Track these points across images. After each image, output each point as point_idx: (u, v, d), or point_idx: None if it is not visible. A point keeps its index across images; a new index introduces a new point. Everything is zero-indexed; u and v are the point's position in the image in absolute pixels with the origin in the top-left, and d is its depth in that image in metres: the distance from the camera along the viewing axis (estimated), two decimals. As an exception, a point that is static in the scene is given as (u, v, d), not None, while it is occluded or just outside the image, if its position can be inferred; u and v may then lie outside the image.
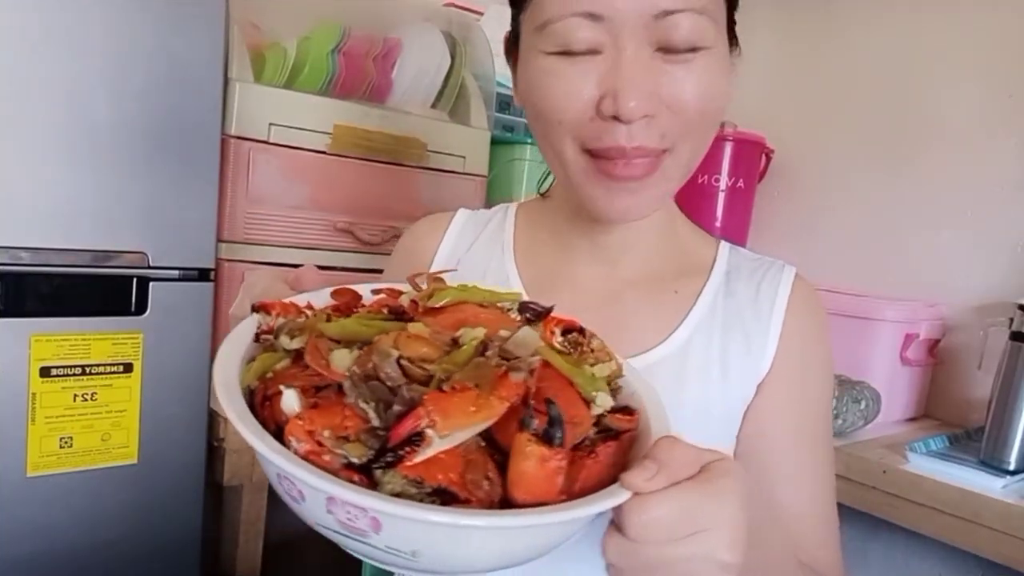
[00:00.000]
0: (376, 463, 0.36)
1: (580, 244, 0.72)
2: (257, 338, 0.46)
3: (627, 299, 0.71)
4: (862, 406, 1.25)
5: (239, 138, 1.25)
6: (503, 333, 0.44)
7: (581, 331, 0.50)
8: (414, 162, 1.44)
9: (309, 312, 0.47)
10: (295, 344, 0.43)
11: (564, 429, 0.38)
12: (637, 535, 0.39)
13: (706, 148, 0.65)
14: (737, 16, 0.65)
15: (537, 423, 0.38)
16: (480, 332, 0.43)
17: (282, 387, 0.39)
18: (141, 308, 1.04)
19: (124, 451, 1.05)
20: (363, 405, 0.38)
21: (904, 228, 1.55)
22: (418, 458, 0.35)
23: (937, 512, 1.08)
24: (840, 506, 1.19)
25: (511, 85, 0.71)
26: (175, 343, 1.07)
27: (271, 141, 1.28)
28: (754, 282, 0.72)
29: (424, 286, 0.52)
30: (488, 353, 0.42)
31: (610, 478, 0.40)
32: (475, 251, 0.76)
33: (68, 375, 1.00)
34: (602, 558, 0.41)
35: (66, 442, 1.00)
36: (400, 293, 0.51)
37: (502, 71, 1.58)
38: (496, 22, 1.62)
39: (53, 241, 0.97)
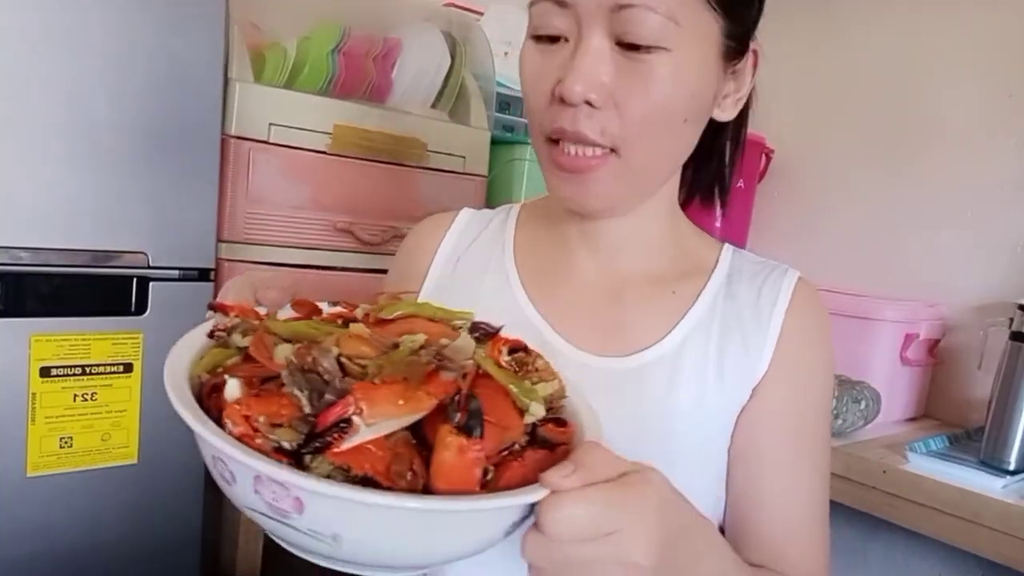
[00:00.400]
0: (305, 448, 0.37)
1: (578, 244, 0.72)
2: (211, 335, 0.48)
3: (625, 297, 0.71)
4: (862, 406, 1.25)
5: (239, 138, 1.25)
6: (443, 341, 0.46)
7: (526, 350, 0.51)
8: (414, 162, 1.44)
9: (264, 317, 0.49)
10: (246, 342, 0.45)
11: (483, 423, 0.40)
12: (552, 532, 0.40)
13: (673, 154, 0.65)
14: None
15: (459, 416, 0.40)
16: (420, 338, 0.45)
17: (226, 376, 0.41)
18: (141, 308, 1.04)
19: (124, 451, 1.05)
20: (297, 393, 0.39)
21: (904, 228, 1.56)
22: (345, 444, 0.37)
23: (937, 512, 1.08)
24: (840, 506, 1.19)
25: (511, 85, 0.72)
26: (175, 343, 1.07)
27: (271, 141, 1.28)
28: (755, 285, 0.72)
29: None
30: (422, 352, 0.43)
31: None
32: (475, 249, 0.76)
33: (68, 375, 1.00)
34: (522, 559, 0.42)
35: (66, 442, 1.00)
36: (356, 307, 0.52)
37: (502, 71, 1.58)
38: (496, 22, 1.62)
39: (53, 241, 0.97)
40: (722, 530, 0.70)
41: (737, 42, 0.64)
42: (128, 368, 1.04)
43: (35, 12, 0.92)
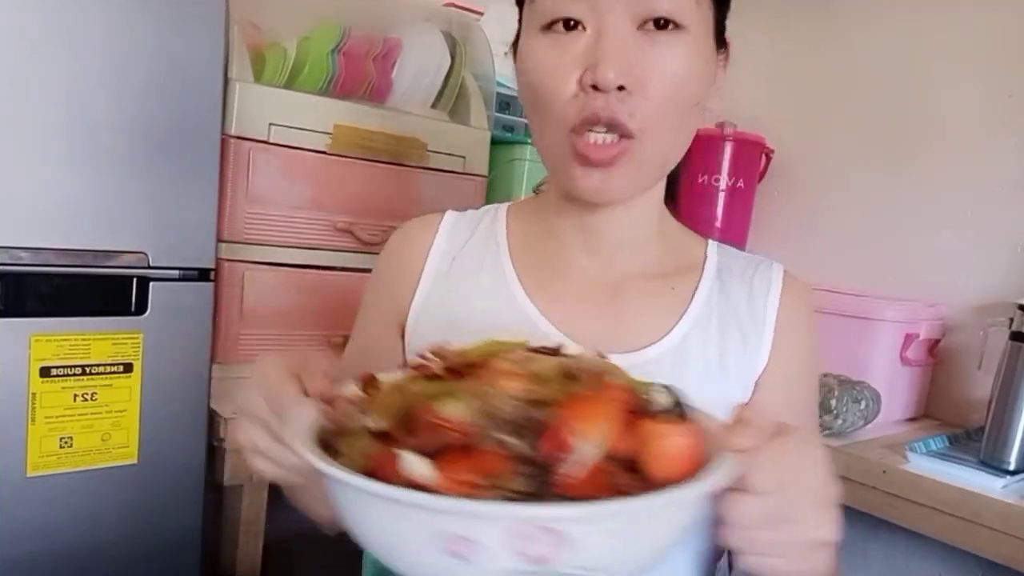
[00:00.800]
0: (542, 487, 0.36)
1: (574, 239, 0.73)
2: (324, 444, 0.43)
3: (624, 295, 0.72)
4: (862, 406, 1.25)
5: (239, 138, 1.25)
6: (576, 358, 0.46)
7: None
8: (414, 162, 1.44)
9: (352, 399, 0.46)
10: (378, 423, 0.41)
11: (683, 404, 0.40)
12: (761, 486, 0.42)
13: (680, 141, 0.66)
14: (738, 16, 0.66)
15: (656, 407, 0.40)
16: (552, 360, 0.44)
17: (399, 452, 0.37)
18: (141, 308, 1.04)
19: (124, 451, 1.05)
20: (507, 439, 0.38)
21: (904, 228, 1.55)
22: (578, 472, 0.36)
23: (937, 512, 1.08)
24: (840, 506, 1.18)
25: (511, 85, 0.72)
26: (175, 343, 1.07)
27: (271, 141, 1.28)
28: (746, 280, 0.74)
29: (434, 354, 0.51)
30: (575, 368, 0.43)
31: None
32: (469, 250, 0.76)
33: (68, 375, 1.00)
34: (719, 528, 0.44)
35: (66, 442, 1.00)
36: (424, 365, 0.49)
37: (502, 71, 1.58)
38: (496, 22, 1.62)
39: (53, 241, 0.97)
40: None
41: (721, 28, 0.66)
42: (128, 368, 1.04)
43: (35, 12, 0.92)
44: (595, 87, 0.59)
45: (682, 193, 0.84)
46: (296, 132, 1.30)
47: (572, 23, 0.61)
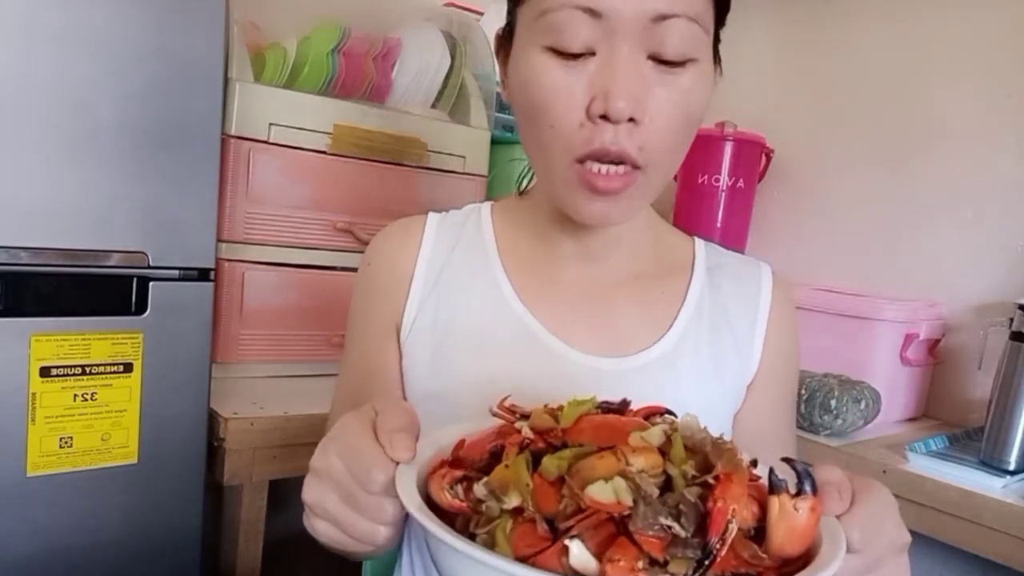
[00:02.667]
0: (701, 567, 0.37)
1: (565, 245, 0.72)
2: (452, 522, 0.42)
3: (617, 300, 0.72)
4: (862, 406, 1.25)
5: (239, 138, 1.25)
6: (678, 427, 0.46)
7: (660, 413, 0.51)
8: (414, 162, 1.44)
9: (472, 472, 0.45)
10: (513, 501, 0.41)
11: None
12: (855, 546, 0.44)
13: (677, 166, 0.66)
14: (738, 15, 0.67)
15: (786, 482, 0.41)
16: (658, 430, 0.44)
17: (566, 541, 0.37)
18: (141, 308, 1.04)
19: (124, 451, 1.05)
20: (667, 522, 0.38)
21: (904, 228, 1.55)
22: (726, 548, 0.38)
23: (937, 512, 1.08)
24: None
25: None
26: (175, 343, 1.07)
27: (271, 141, 1.28)
28: (736, 280, 0.75)
29: (513, 414, 0.51)
30: (706, 443, 0.44)
31: None
32: (456, 257, 0.74)
33: (68, 375, 1.00)
34: None
35: (66, 442, 1.00)
36: (512, 431, 0.48)
37: (502, 71, 1.58)
38: (496, 22, 1.62)
39: (53, 241, 0.97)
40: None
41: (717, 44, 0.66)
42: (128, 368, 1.03)
43: (35, 12, 0.92)
44: (604, 117, 0.57)
45: (682, 193, 0.85)
46: (296, 132, 1.30)
47: (584, 48, 0.59)
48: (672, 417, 0.50)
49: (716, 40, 0.65)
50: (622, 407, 0.50)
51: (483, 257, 0.74)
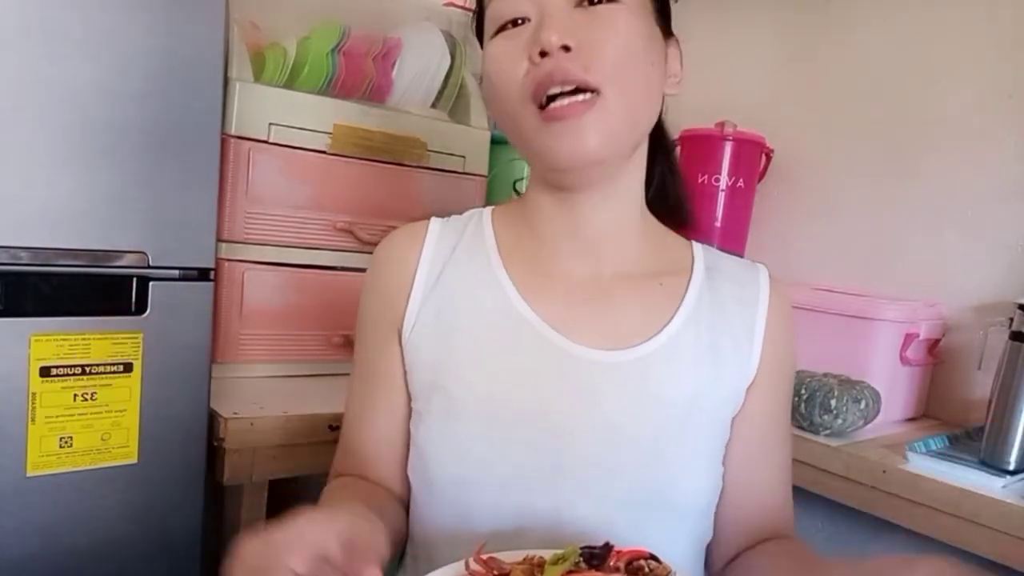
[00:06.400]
0: None
1: (563, 239, 0.74)
2: None
3: (616, 293, 0.74)
4: (862, 406, 1.25)
5: (239, 138, 1.25)
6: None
7: (646, 558, 0.52)
8: (414, 162, 1.44)
9: None
10: None
11: None
12: None
13: (647, 99, 0.69)
14: (738, 15, 0.68)
15: None
16: None
17: None
18: (141, 308, 1.04)
19: (124, 451, 1.05)
20: None
21: (904, 228, 1.55)
22: None
23: (937, 512, 1.08)
24: (840, 506, 1.19)
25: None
26: (175, 343, 1.07)
27: (271, 141, 1.28)
28: (735, 283, 0.77)
29: (490, 569, 0.51)
30: None
31: None
32: (458, 258, 0.77)
33: (68, 375, 1.00)
34: None
35: (66, 442, 1.00)
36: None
37: (502, 71, 1.58)
38: (496, 22, 1.62)
39: (53, 241, 0.97)
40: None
41: (661, 15, 0.71)
42: (128, 368, 1.03)
43: (35, 11, 0.92)
44: (542, 53, 0.63)
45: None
46: (296, 132, 1.30)
47: (520, 20, 0.66)
48: (655, 563, 0.50)
49: (663, 10, 0.71)
50: (605, 551, 0.50)
51: (484, 257, 0.76)
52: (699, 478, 0.71)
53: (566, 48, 0.63)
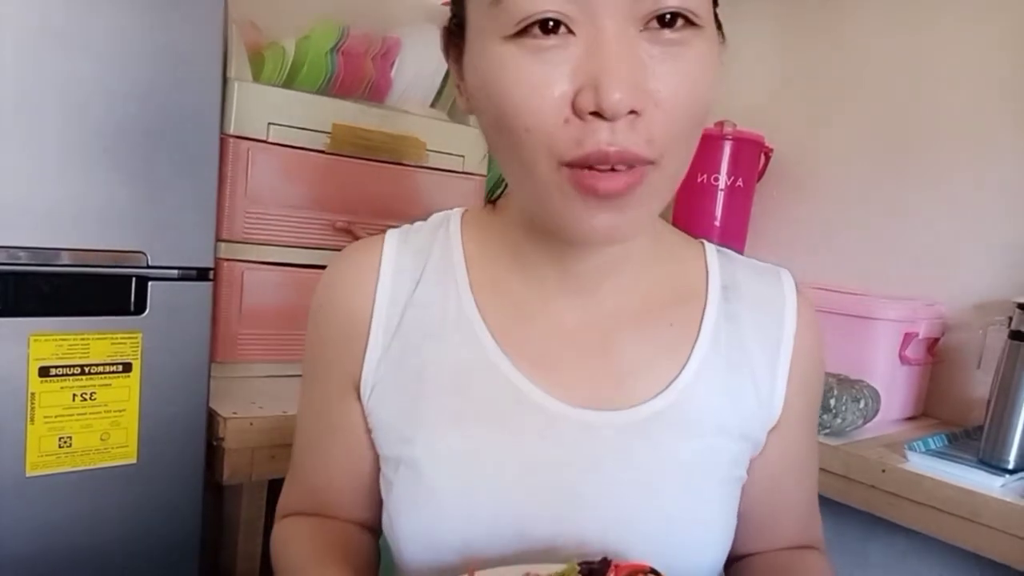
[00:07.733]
0: None
1: (548, 273, 0.60)
2: None
3: (616, 340, 0.60)
4: (861, 405, 1.25)
5: (238, 137, 1.25)
6: None
7: (652, 572, 0.49)
8: (413, 162, 1.44)
9: None
10: None
11: None
12: None
13: (691, 157, 0.53)
14: (737, 14, 0.62)
15: None
16: None
17: None
18: (140, 308, 1.04)
19: (123, 451, 1.05)
20: None
21: (903, 227, 1.55)
22: None
23: (936, 511, 1.08)
24: (840, 505, 1.18)
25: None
26: (174, 343, 1.07)
27: (270, 140, 1.28)
28: (755, 306, 0.64)
29: None
30: None
31: None
32: (423, 296, 0.61)
33: (67, 375, 1.00)
34: None
35: (65, 442, 1.00)
36: None
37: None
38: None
39: (52, 241, 0.97)
40: None
41: (718, 20, 0.54)
42: (127, 368, 1.03)
43: (35, 11, 0.92)
44: (597, 114, 0.45)
45: (681, 192, 0.80)
46: (295, 131, 1.30)
47: (552, 24, 0.45)
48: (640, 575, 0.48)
49: (714, 3, 0.52)
50: (604, 567, 0.48)
51: (454, 291, 0.61)
52: (712, 547, 0.60)
53: (632, 111, 0.45)
